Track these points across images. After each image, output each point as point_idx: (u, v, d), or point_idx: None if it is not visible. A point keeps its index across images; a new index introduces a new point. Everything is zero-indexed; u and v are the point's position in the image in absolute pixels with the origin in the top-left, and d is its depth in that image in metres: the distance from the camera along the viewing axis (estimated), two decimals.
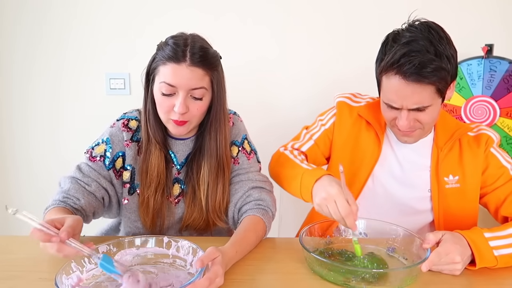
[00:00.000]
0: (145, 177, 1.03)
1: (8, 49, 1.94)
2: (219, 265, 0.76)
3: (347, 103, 1.21)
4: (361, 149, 1.16)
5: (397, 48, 0.93)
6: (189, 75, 0.94)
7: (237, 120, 1.15)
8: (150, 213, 1.04)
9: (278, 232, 1.56)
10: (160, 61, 0.96)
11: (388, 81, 0.96)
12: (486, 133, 1.09)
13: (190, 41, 0.97)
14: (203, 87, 0.97)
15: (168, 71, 0.95)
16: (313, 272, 0.86)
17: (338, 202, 0.87)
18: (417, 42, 0.92)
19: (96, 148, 1.04)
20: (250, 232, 0.96)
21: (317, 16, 1.86)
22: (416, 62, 0.90)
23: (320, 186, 0.94)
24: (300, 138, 1.26)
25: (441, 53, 0.91)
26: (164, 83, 0.95)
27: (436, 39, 0.92)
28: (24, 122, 2.02)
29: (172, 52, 0.94)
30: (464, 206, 1.10)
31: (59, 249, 0.72)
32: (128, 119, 1.07)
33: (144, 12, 1.88)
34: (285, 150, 1.22)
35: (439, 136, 1.11)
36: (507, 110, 1.76)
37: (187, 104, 0.97)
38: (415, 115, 0.98)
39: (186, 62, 0.94)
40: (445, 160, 1.09)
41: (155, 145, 1.03)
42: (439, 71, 0.91)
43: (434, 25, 0.96)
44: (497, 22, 1.80)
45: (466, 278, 0.85)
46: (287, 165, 1.13)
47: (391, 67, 0.94)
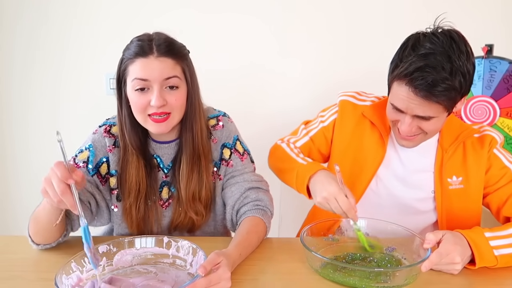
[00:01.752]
0: (124, 185, 1.02)
1: (8, 49, 1.94)
2: (225, 267, 0.76)
3: (350, 101, 1.20)
4: (364, 150, 1.15)
5: (413, 59, 0.91)
6: (160, 65, 0.93)
7: (227, 121, 1.12)
8: (134, 221, 1.04)
9: (278, 232, 1.56)
10: (128, 60, 0.95)
11: (398, 88, 0.96)
12: (490, 134, 1.09)
13: (155, 36, 0.97)
14: (175, 76, 0.95)
15: (138, 67, 0.93)
16: (314, 272, 0.86)
17: (338, 199, 0.93)
18: (434, 56, 0.90)
19: (80, 155, 1.03)
20: (252, 234, 0.96)
21: (319, 17, 1.85)
22: (429, 79, 0.88)
23: (318, 183, 0.98)
24: (297, 134, 1.26)
25: (456, 70, 0.90)
26: (136, 79, 0.93)
27: (456, 54, 0.90)
28: (24, 122, 2.02)
29: (138, 48, 0.94)
30: (467, 207, 1.09)
31: (63, 192, 0.74)
32: (110, 125, 1.06)
33: (144, 13, 1.88)
34: (282, 143, 1.23)
35: (444, 137, 1.10)
36: (507, 110, 1.76)
37: (163, 96, 0.94)
38: (418, 122, 0.98)
39: (153, 54, 0.93)
40: (449, 162, 1.09)
41: (132, 154, 1.01)
42: (450, 91, 0.90)
43: (457, 37, 0.93)
44: (497, 22, 1.80)
45: (466, 278, 0.85)
46: (284, 158, 1.15)
47: (404, 78, 0.93)
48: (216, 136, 1.10)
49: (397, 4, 1.80)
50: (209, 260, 0.76)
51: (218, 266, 0.76)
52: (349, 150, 1.17)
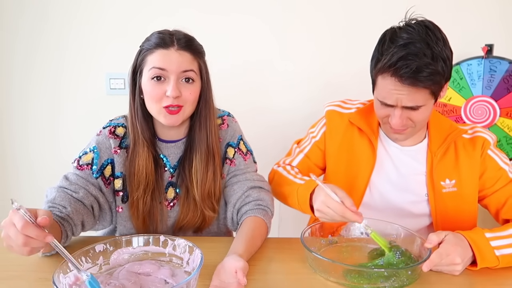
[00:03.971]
0: (133, 179, 1.02)
1: (8, 49, 1.94)
2: (241, 271, 0.77)
3: (337, 111, 1.21)
4: (355, 157, 1.15)
5: (394, 50, 0.93)
6: (179, 58, 0.96)
7: (231, 121, 1.14)
8: (140, 215, 1.03)
9: (278, 232, 1.56)
10: (147, 51, 0.97)
11: (384, 81, 0.97)
12: (481, 136, 1.09)
13: (175, 31, 1.00)
14: (192, 70, 0.98)
15: (157, 57, 0.96)
16: (314, 272, 0.86)
17: (330, 206, 0.89)
18: (414, 44, 0.91)
19: (84, 157, 1.01)
20: (257, 238, 0.96)
21: (318, 17, 1.86)
22: (413, 66, 0.90)
23: (315, 203, 0.95)
24: (292, 154, 1.27)
25: (437, 56, 0.91)
26: (154, 68, 0.95)
27: (433, 41, 0.92)
28: (24, 122, 2.02)
29: (159, 39, 0.97)
30: (462, 209, 1.09)
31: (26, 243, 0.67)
32: (114, 126, 1.05)
33: (144, 12, 1.88)
34: (278, 167, 1.23)
35: (432, 141, 1.10)
36: (507, 110, 1.76)
37: (179, 88, 0.96)
38: (408, 113, 0.99)
39: (174, 46, 0.96)
40: (439, 165, 1.09)
41: (143, 146, 1.01)
42: (434, 75, 0.91)
43: (431, 25, 0.95)
44: (497, 22, 1.80)
45: (467, 278, 0.85)
46: (282, 182, 1.14)
47: (388, 69, 0.94)
48: (221, 135, 1.10)
49: (396, 5, 1.80)
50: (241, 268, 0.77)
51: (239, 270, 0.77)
52: (341, 159, 1.17)
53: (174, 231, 1.10)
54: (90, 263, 0.81)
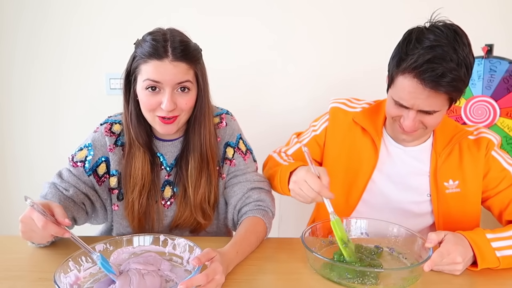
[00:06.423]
0: (129, 180, 1.01)
1: (8, 49, 1.94)
2: (218, 262, 0.76)
3: (341, 108, 1.20)
4: (357, 156, 1.15)
5: (420, 52, 0.90)
6: (174, 70, 0.92)
7: (230, 119, 1.12)
8: (135, 216, 1.03)
9: (278, 232, 1.56)
10: (141, 59, 0.93)
11: (404, 81, 0.94)
12: (486, 137, 1.09)
13: (169, 36, 0.94)
14: (188, 81, 0.95)
15: (151, 69, 0.92)
16: (314, 272, 0.86)
17: (308, 180, 0.89)
18: (441, 48, 0.89)
19: (78, 153, 1.02)
20: (250, 233, 0.96)
21: (319, 18, 1.85)
22: (439, 71, 0.88)
23: (293, 176, 0.96)
24: (289, 144, 1.27)
25: (462, 62, 0.90)
26: (148, 80, 0.92)
27: (461, 46, 0.90)
28: (24, 122, 2.02)
29: (152, 48, 0.91)
30: (465, 210, 1.09)
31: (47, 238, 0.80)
32: (111, 123, 1.05)
33: (144, 12, 1.88)
34: (273, 153, 1.23)
35: (437, 141, 1.10)
36: (507, 110, 1.76)
37: (174, 100, 0.94)
38: (421, 117, 0.97)
39: (168, 57, 0.91)
40: (444, 165, 1.08)
41: (139, 148, 1.01)
42: (457, 81, 0.90)
43: (460, 30, 0.93)
44: (497, 22, 1.80)
45: (467, 278, 0.85)
46: (272, 166, 1.14)
47: (412, 70, 0.92)
48: (219, 134, 1.09)
49: (398, 5, 1.80)
50: (203, 253, 0.76)
51: (212, 261, 0.76)
52: (342, 157, 1.17)
53: (171, 230, 1.10)
54: (90, 263, 0.81)
